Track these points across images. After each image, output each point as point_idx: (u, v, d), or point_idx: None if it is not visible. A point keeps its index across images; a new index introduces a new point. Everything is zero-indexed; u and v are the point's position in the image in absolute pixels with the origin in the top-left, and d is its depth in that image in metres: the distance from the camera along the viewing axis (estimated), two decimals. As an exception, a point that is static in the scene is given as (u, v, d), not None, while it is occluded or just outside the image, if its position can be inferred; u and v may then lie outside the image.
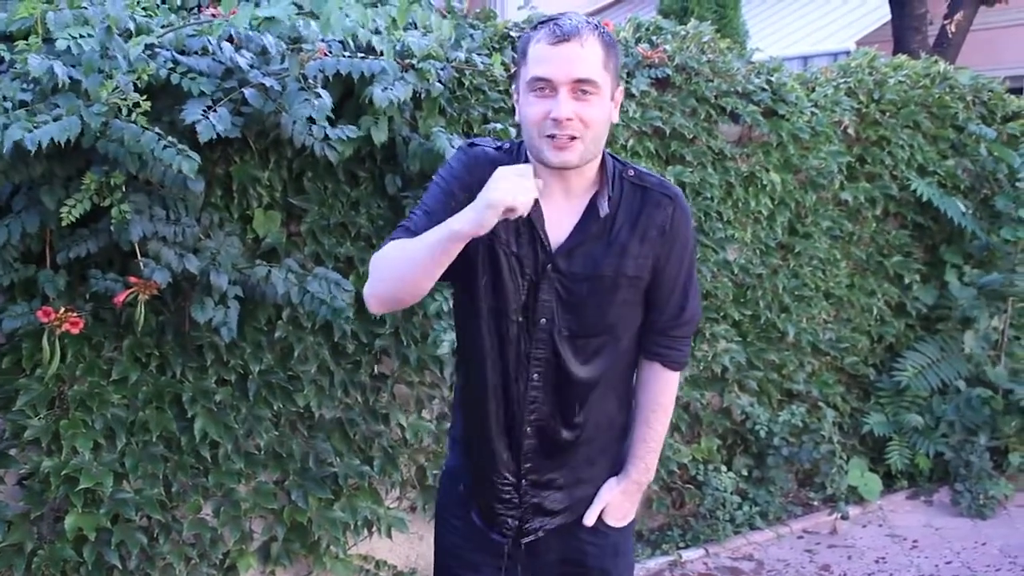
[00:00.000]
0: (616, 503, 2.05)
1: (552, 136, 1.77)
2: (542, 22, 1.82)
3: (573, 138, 1.77)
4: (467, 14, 3.38)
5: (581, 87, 1.76)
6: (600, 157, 1.88)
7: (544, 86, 1.77)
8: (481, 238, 1.78)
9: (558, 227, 1.88)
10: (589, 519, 2.03)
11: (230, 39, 2.61)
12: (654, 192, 1.92)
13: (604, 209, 1.87)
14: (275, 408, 3.05)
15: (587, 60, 1.76)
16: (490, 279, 1.90)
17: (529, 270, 1.88)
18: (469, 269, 1.91)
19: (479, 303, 1.92)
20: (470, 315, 1.95)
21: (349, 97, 2.84)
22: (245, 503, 3.01)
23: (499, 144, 1.96)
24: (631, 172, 1.93)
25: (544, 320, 1.90)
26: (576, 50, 1.75)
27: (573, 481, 2.02)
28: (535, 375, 1.92)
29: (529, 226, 1.87)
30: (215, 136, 2.37)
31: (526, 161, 1.88)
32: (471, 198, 1.74)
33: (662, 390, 2.04)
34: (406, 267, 1.77)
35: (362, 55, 2.68)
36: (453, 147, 2.83)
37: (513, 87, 1.94)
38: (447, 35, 2.33)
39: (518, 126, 1.94)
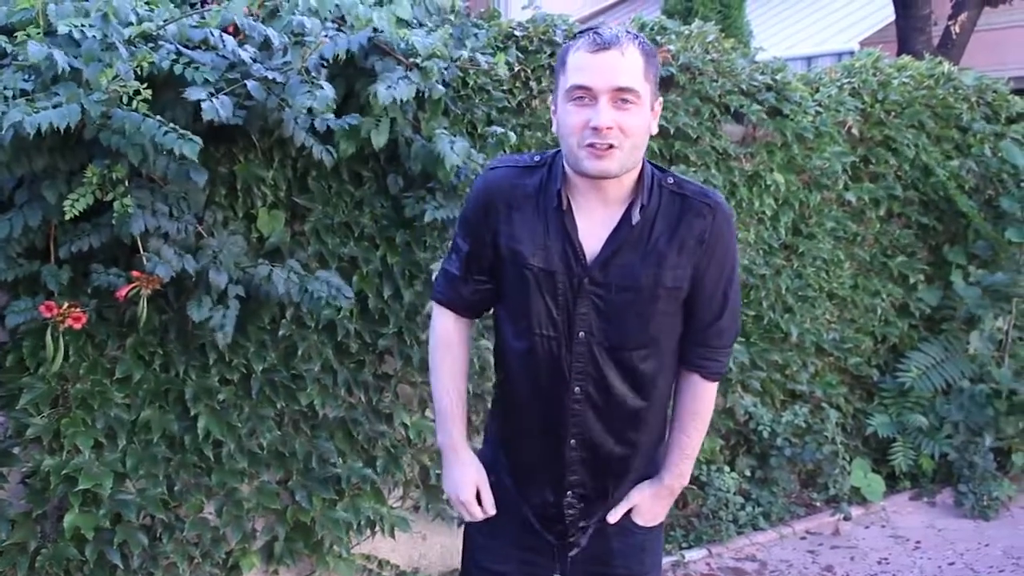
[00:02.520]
0: (646, 505, 2.05)
1: (591, 145, 1.75)
2: (581, 32, 1.81)
3: (612, 147, 1.75)
4: (469, 13, 3.37)
5: (622, 96, 1.75)
6: (639, 167, 1.86)
7: (584, 95, 1.75)
8: (504, 258, 1.90)
9: (594, 238, 1.86)
10: (613, 516, 2.02)
11: (234, 32, 2.60)
12: (694, 200, 1.88)
13: (635, 217, 1.85)
14: (278, 407, 3.05)
15: (628, 69, 1.75)
16: (516, 298, 1.91)
17: (563, 284, 1.86)
18: (497, 289, 1.97)
19: (509, 317, 1.94)
20: (501, 327, 1.98)
21: (351, 96, 2.84)
22: (248, 502, 3.01)
23: (532, 156, 1.94)
24: (670, 180, 1.90)
25: (582, 333, 1.87)
26: (616, 58, 1.74)
27: (620, 496, 2.03)
28: (576, 388, 1.90)
29: (563, 238, 1.85)
30: (218, 118, 2.34)
31: (563, 172, 1.87)
32: (493, 223, 1.89)
33: (700, 400, 2.02)
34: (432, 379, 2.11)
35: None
36: (454, 150, 2.83)
37: (551, 99, 1.93)
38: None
39: (548, 132, 1.95)
